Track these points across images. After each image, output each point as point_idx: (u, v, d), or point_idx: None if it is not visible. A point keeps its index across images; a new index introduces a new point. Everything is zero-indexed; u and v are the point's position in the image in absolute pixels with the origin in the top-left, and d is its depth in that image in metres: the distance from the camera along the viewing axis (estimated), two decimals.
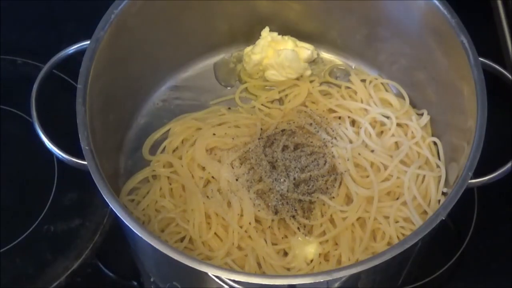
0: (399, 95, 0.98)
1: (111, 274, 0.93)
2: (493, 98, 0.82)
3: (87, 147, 0.78)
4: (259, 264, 0.84)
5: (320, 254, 0.85)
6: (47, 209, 0.95)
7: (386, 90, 0.98)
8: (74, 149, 0.79)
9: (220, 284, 0.74)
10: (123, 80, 0.92)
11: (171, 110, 0.98)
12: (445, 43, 0.88)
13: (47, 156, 0.84)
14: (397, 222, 0.87)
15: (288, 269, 0.84)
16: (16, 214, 0.95)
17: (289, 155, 0.89)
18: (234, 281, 0.71)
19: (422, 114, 0.95)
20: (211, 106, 0.98)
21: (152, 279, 0.91)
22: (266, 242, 0.85)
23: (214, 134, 0.92)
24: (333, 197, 0.87)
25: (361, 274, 0.72)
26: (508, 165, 0.80)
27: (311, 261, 0.85)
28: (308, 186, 0.87)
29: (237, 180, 0.88)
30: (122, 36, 0.88)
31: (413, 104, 0.97)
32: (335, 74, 1.02)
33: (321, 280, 0.70)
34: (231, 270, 0.79)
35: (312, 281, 0.70)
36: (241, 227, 0.85)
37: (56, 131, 0.82)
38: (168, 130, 0.95)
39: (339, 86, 0.99)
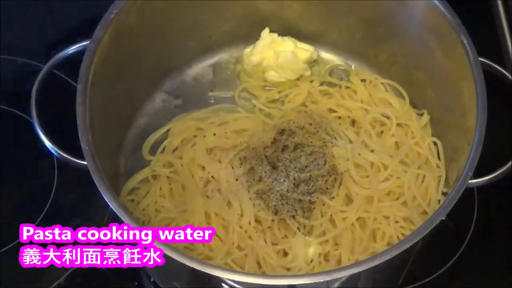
0: (399, 95, 0.98)
1: (111, 274, 0.92)
2: (493, 98, 0.82)
3: (87, 147, 0.78)
4: (259, 264, 0.84)
5: (320, 254, 0.85)
6: (47, 209, 0.95)
7: (386, 90, 0.98)
8: (74, 149, 0.79)
9: (220, 284, 0.74)
10: (123, 80, 0.92)
11: (171, 110, 0.98)
12: (445, 43, 0.88)
13: (47, 156, 0.84)
14: (397, 222, 0.87)
15: (288, 269, 0.84)
16: (16, 214, 0.95)
17: (289, 155, 0.88)
18: (234, 281, 0.71)
19: (422, 114, 0.95)
20: (211, 106, 0.98)
21: (152, 279, 0.91)
22: (266, 242, 0.85)
23: (214, 134, 0.92)
24: (333, 197, 0.87)
25: (361, 274, 0.72)
26: (508, 165, 0.80)
27: (311, 261, 0.85)
28: (308, 186, 0.87)
29: (237, 180, 0.88)
30: (122, 36, 0.88)
31: (413, 104, 0.97)
32: (335, 74, 1.02)
33: (321, 280, 0.70)
34: (231, 270, 0.79)
35: (312, 281, 0.70)
36: (241, 227, 0.85)
37: (56, 131, 0.82)
38: (168, 130, 0.95)
39: (339, 86, 0.99)
